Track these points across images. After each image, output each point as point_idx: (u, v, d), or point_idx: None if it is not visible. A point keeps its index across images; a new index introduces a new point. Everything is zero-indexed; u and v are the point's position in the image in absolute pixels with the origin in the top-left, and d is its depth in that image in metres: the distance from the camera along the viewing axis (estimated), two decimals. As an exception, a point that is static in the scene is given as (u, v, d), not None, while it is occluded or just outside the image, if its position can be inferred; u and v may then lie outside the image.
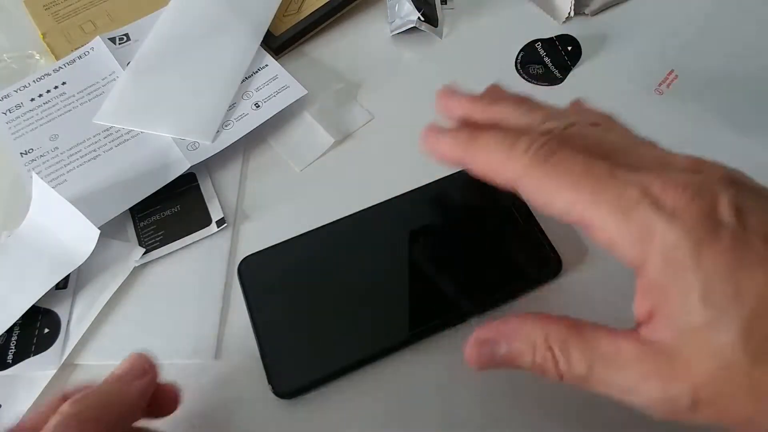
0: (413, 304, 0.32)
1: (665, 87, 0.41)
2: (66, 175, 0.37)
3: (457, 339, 0.32)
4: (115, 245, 0.35)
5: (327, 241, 0.34)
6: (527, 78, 0.42)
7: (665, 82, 0.41)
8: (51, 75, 0.42)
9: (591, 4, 0.45)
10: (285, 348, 0.31)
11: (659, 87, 0.41)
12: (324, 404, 0.30)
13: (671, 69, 0.42)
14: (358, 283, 0.33)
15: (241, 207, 0.37)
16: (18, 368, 0.31)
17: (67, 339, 0.32)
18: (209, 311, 0.33)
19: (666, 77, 0.41)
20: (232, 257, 0.35)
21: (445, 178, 0.36)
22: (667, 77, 0.41)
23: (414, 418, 0.30)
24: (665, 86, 0.41)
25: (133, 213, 0.37)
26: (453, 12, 0.46)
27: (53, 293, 0.33)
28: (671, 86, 0.41)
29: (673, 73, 0.41)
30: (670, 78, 0.41)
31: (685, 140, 0.26)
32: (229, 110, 0.39)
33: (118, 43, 0.44)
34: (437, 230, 0.35)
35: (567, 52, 0.43)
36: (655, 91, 0.41)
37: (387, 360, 0.31)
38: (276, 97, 0.40)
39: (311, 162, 0.39)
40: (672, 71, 0.41)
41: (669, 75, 0.41)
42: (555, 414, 0.30)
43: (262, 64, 0.42)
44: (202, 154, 0.37)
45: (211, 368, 0.31)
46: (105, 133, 0.39)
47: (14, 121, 0.40)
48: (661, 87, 0.41)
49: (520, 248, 0.34)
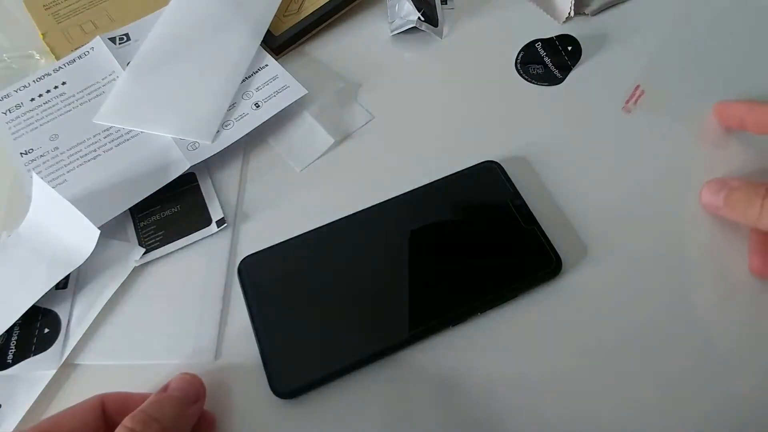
0: (413, 303, 0.32)
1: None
2: (66, 175, 0.37)
3: (457, 339, 0.32)
4: (115, 245, 0.35)
5: (327, 241, 0.34)
6: (527, 78, 0.42)
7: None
8: (51, 75, 0.42)
9: (591, 4, 0.45)
10: (285, 348, 0.31)
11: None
12: (324, 404, 0.30)
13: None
14: (358, 283, 0.33)
15: (241, 207, 0.37)
16: (18, 368, 0.31)
17: (67, 339, 0.32)
18: (209, 311, 0.33)
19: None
20: (232, 257, 0.35)
21: (445, 179, 0.36)
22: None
23: (414, 418, 0.30)
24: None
25: (133, 213, 0.37)
26: (453, 12, 0.46)
27: (53, 293, 0.33)
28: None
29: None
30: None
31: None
32: (229, 110, 0.39)
33: (118, 43, 0.44)
34: (437, 230, 0.35)
35: (567, 52, 0.43)
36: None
37: (387, 360, 0.31)
38: (276, 97, 0.40)
39: (311, 162, 0.39)
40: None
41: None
42: (555, 413, 0.30)
43: (262, 64, 0.42)
44: (202, 154, 0.37)
45: (211, 368, 0.31)
46: (105, 133, 0.39)
47: (14, 121, 0.40)
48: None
49: (520, 248, 0.34)
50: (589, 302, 0.33)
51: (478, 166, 0.37)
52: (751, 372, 0.30)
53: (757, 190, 0.30)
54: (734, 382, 0.30)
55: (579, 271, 0.34)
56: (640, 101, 0.39)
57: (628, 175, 0.37)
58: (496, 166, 0.37)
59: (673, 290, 0.33)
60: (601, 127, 0.39)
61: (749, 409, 0.29)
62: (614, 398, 0.30)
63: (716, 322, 0.32)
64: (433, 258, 0.33)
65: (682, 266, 0.34)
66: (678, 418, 0.29)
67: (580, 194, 0.36)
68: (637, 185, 0.36)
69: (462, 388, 0.30)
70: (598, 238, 0.35)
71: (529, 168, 0.38)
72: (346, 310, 0.32)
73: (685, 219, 0.35)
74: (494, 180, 0.36)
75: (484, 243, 0.34)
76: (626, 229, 0.35)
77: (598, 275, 0.33)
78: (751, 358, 0.31)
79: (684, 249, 0.34)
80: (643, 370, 0.31)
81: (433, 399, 0.30)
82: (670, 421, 0.29)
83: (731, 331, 0.32)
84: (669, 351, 0.31)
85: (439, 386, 0.30)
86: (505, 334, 0.32)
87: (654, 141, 0.38)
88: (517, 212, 0.35)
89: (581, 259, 0.34)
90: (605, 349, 0.31)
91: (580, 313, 0.32)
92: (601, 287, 0.33)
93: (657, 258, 0.34)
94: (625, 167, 0.37)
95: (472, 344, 0.31)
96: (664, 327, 0.32)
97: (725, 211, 0.33)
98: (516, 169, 0.37)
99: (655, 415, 0.29)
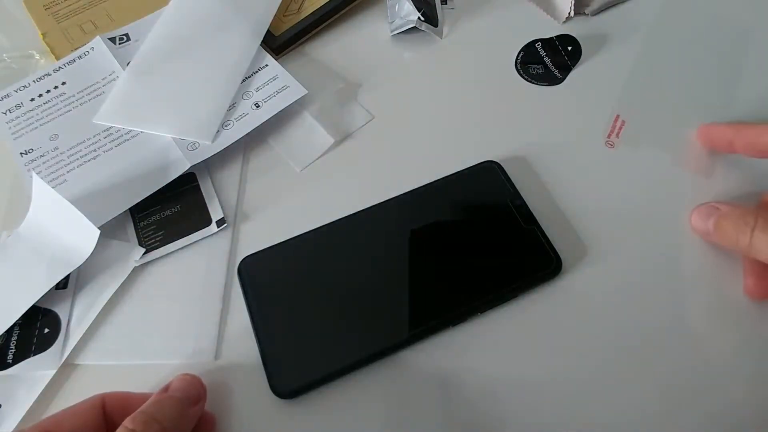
0: (413, 303, 0.32)
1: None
2: (66, 175, 0.37)
3: (457, 339, 0.32)
4: (115, 245, 0.35)
5: (327, 241, 0.34)
6: (527, 78, 0.42)
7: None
8: (51, 75, 0.42)
9: (591, 4, 0.45)
10: (285, 348, 0.31)
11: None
12: (324, 404, 0.30)
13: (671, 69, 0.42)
14: (358, 283, 0.33)
15: (241, 207, 0.37)
16: (18, 368, 0.31)
17: (67, 339, 0.32)
18: (209, 311, 0.33)
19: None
20: (232, 257, 0.35)
21: (445, 179, 0.36)
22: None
23: (414, 418, 0.30)
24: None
25: (133, 213, 0.37)
26: (453, 12, 0.46)
27: (53, 293, 0.33)
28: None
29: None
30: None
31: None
32: (229, 110, 0.39)
33: (118, 43, 0.44)
34: (437, 230, 0.34)
35: (567, 52, 0.43)
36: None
37: (387, 360, 0.31)
38: (276, 97, 0.40)
39: (311, 162, 0.39)
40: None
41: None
42: (555, 413, 0.30)
43: (262, 64, 0.42)
44: (202, 154, 0.37)
45: (211, 368, 0.31)
46: (105, 133, 0.39)
47: (14, 121, 0.40)
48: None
49: (521, 248, 0.34)
50: (588, 302, 0.33)
51: (478, 166, 0.37)
52: (750, 373, 0.30)
53: (746, 219, 0.30)
54: (735, 381, 0.30)
55: (579, 271, 0.34)
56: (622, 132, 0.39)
57: (629, 175, 0.37)
58: (496, 166, 0.37)
59: (672, 290, 0.33)
60: (601, 127, 0.39)
61: (747, 411, 0.30)
62: (614, 398, 0.30)
63: (715, 322, 0.32)
64: (433, 258, 0.33)
65: (681, 266, 0.34)
66: (678, 418, 0.29)
67: (580, 194, 0.36)
68: (638, 185, 0.36)
69: (462, 388, 0.30)
70: (598, 238, 0.35)
71: (529, 168, 0.38)
72: (346, 310, 0.32)
73: (685, 218, 0.35)
74: (494, 180, 0.36)
75: (484, 243, 0.34)
76: (626, 229, 0.35)
77: (598, 275, 0.33)
78: (750, 358, 0.31)
79: (683, 249, 0.34)
80: (643, 370, 0.31)
81: (433, 399, 0.30)
82: (669, 421, 0.29)
83: (731, 331, 0.32)
84: (668, 351, 0.31)
85: (439, 386, 0.30)
86: (505, 334, 0.32)
87: (654, 141, 0.38)
88: (517, 212, 0.35)
89: (581, 259, 0.34)
90: (605, 349, 0.31)
91: (579, 313, 0.32)
92: (601, 287, 0.33)
93: (657, 258, 0.34)
94: (626, 167, 0.37)
95: (472, 344, 0.31)
96: (664, 327, 0.32)
97: (715, 238, 0.32)
98: (516, 169, 0.37)
99: (655, 415, 0.29)
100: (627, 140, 0.39)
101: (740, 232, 0.30)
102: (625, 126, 0.39)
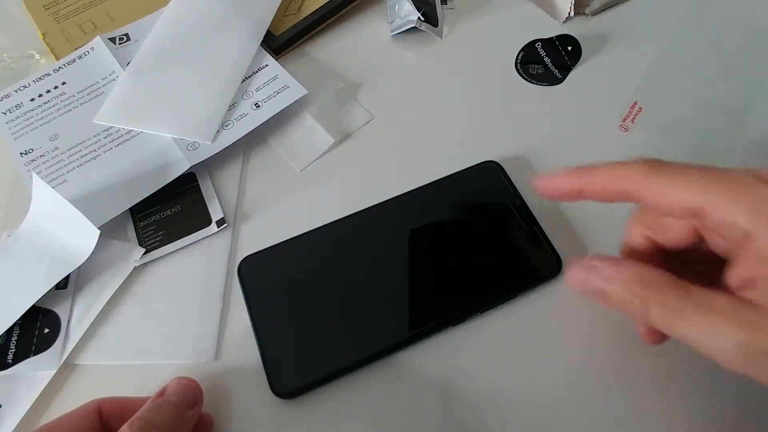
0: (413, 303, 0.32)
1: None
2: (66, 175, 0.37)
3: (456, 339, 0.32)
4: (115, 245, 0.35)
5: (327, 241, 0.34)
6: (527, 78, 0.42)
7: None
8: (51, 75, 0.42)
9: (591, 4, 0.45)
10: (285, 348, 0.31)
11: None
12: (324, 404, 0.30)
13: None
14: (358, 283, 0.33)
15: (241, 207, 0.37)
16: (18, 368, 0.31)
17: (67, 339, 0.32)
18: (209, 311, 0.33)
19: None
20: (232, 257, 0.35)
21: (445, 178, 0.36)
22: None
23: (414, 418, 0.30)
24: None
25: (133, 213, 0.37)
26: (453, 12, 0.46)
27: (53, 293, 0.33)
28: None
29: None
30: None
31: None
32: (229, 110, 0.39)
33: (118, 43, 0.44)
34: (437, 230, 0.35)
35: (567, 52, 0.43)
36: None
37: (387, 360, 0.31)
38: (276, 97, 0.40)
39: (311, 162, 0.39)
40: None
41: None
42: (554, 413, 0.30)
43: (262, 64, 0.42)
44: (202, 154, 0.37)
45: (211, 368, 0.31)
46: (105, 133, 0.39)
47: (14, 121, 0.40)
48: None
49: (520, 248, 0.34)
50: (588, 302, 0.33)
51: (478, 166, 0.37)
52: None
53: (631, 290, 0.24)
54: (735, 381, 0.30)
55: (579, 271, 0.33)
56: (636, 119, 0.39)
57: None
58: (496, 166, 0.37)
59: (673, 290, 0.33)
60: (601, 127, 0.39)
61: (752, 411, 0.30)
62: (614, 398, 0.30)
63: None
64: (433, 258, 0.33)
65: (682, 266, 0.34)
66: (677, 417, 0.29)
67: (580, 194, 0.36)
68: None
69: (462, 388, 0.30)
70: (598, 238, 0.35)
71: (529, 168, 0.38)
72: (346, 310, 0.32)
73: (685, 219, 0.35)
74: (494, 180, 0.36)
75: (484, 243, 0.34)
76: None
77: (598, 275, 0.33)
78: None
79: (684, 249, 0.34)
80: (642, 370, 0.31)
81: (433, 399, 0.30)
82: (669, 421, 0.29)
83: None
84: (668, 351, 0.31)
85: (438, 386, 0.30)
86: (505, 334, 0.32)
87: (654, 141, 0.38)
88: (517, 212, 0.35)
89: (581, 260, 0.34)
90: (605, 349, 0.31)
91: (580, 313, 0.32)
92: (601, 287, 0.33)
93: (657, 258, 0.34)
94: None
95: (472, 344, 0.31)
96: (664, 327, 0.32)
97: (605, 304, 0.25)
98: (516, 169, 0.37)
99: (655, 415, 0.29)
100: (630, 140, 0.39)
101: (629, 304, 0.24)
102: (638, 116, 0.39)
